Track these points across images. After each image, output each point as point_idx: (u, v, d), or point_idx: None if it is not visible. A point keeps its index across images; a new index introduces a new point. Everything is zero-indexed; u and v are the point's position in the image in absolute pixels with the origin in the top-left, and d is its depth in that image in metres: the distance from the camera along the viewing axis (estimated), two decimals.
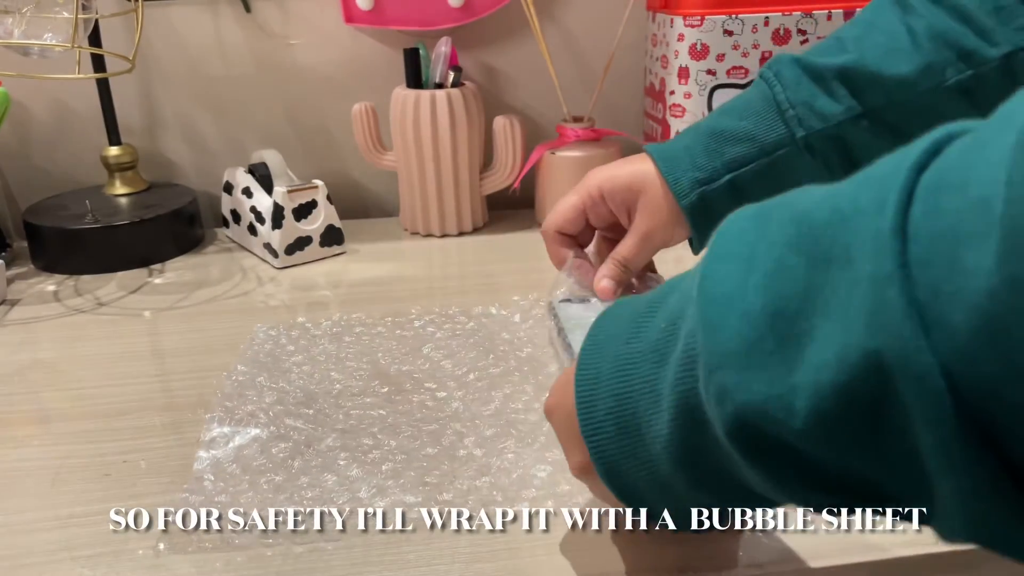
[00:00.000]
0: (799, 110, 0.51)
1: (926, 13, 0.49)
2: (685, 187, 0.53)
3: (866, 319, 0.20)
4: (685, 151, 0.53)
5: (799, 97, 0.51)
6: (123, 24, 0.81)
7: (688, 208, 0.53)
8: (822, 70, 0.50)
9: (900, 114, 0.50)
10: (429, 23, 0.84)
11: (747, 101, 0.53)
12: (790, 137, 0.51)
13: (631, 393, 0.31)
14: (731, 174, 0.52)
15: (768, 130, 0.52)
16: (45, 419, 0.52)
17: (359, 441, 0.47)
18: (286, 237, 0.75)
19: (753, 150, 0.52)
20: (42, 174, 0.87)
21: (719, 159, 0.52)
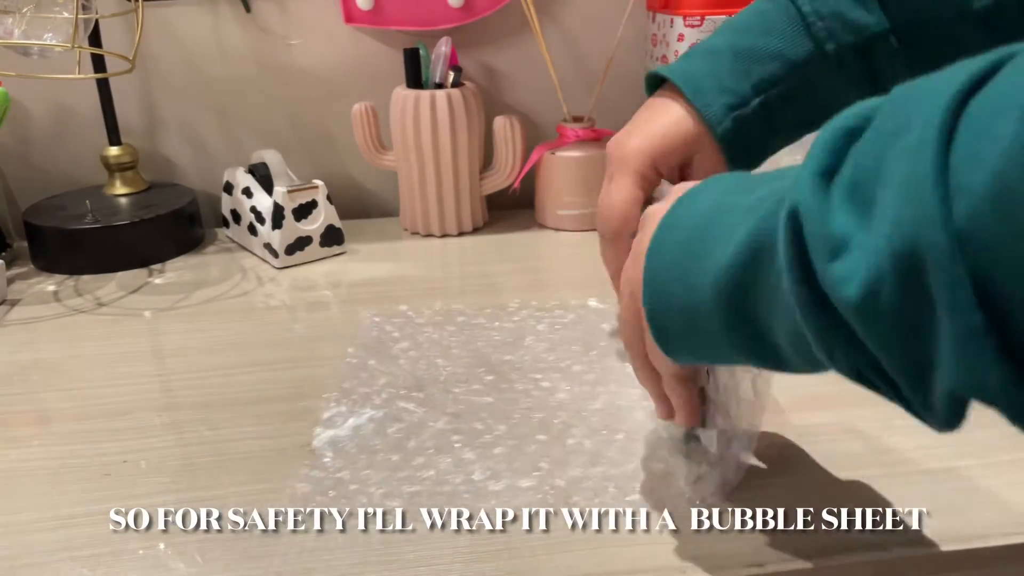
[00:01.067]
0: (829, 22, 0.48)
1: None
2: (718, 114, 0.49)
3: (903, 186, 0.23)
4: (709, 76, 0.50)
5: (828, 8, 0.48)
6: (123, 24, 0.81)
7: (723, 135, 0.50)
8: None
9: (924, 35, 0.48)
10: (429, 23, 0.84)
11: (765, 16, 0.50)
12: (820, 52, 0.49)
13: (710, 232, 0.33)
14: (761, 96, 0.49)
15: (795, 46, 0.49)
16: (45, 419, 0.52)
17: (470, 425, 0.48)
18: (286, 237, 0.75)
19: (782, 68, 0.49)
20: (42, 174, 0.87)
21: (747, 81, 0.49)
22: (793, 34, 0.49)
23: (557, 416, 0.49)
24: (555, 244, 0.81)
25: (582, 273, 0.72)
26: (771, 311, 0.30)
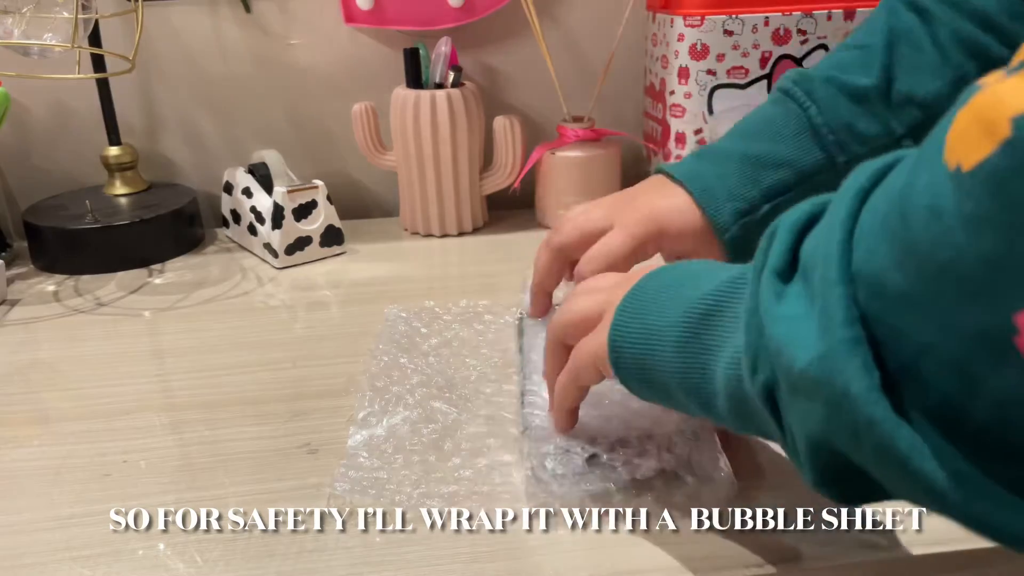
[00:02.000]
0: (840, 135, 0.48)
1: (948, 20, 0.47)
2: (727, 220, 0.49)
3: (820, 320, 0.26)
4: (719, 180, 0.50)
5: (837, 119, 0.48)
6: (123, 24, 0.81)
7: (730, 242, 0.50)
8: (859, 89, 0.48)
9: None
10: (429, 23, 0.84)
11: (774, 122, 0.50)
12: (830, 163, 0.48)
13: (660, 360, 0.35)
14: (770, 203, 0.49)
15: (806, 155, 0.49)
16: (45, 419, 0.52)
17: (504, 429, 0.48)
18: (286, 237, 0.75)
19: (792, 177, 0.49)
20: (42, 174, 0.87)
21: (757, 188, 0.49)
22: (804, 144, 0.49)
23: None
24: None
25: None
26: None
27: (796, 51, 0.77)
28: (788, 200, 0.49)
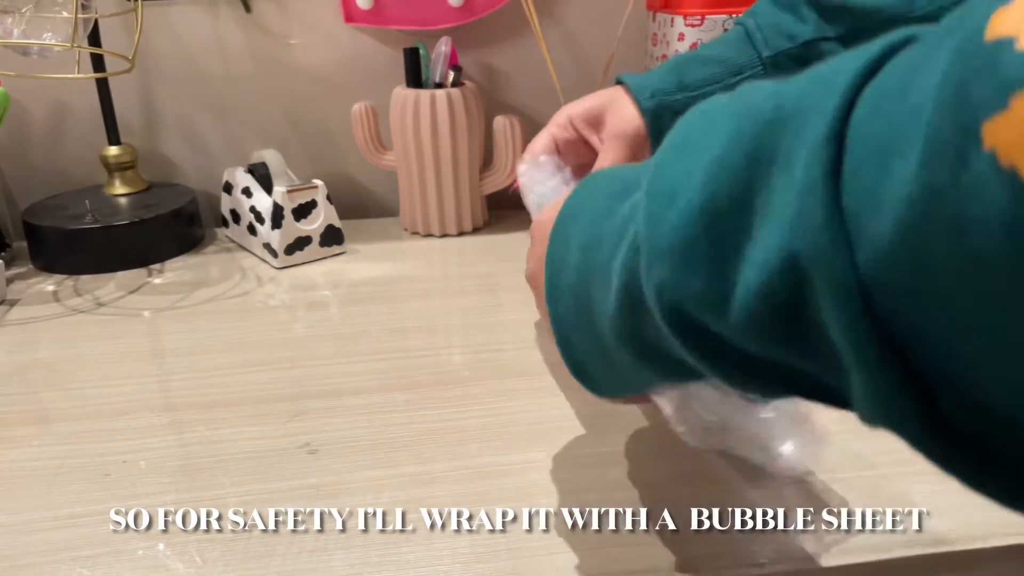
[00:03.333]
0: (767, 32, 0.53)
1: None
2: (646, 94, 0.56)
3: (790, 225, 0.20)
4: (652, 73, 0.57)
5: (767, 21, 0.53)
6: (123, 24, 0.81)
7: (648, 112, 0.55)
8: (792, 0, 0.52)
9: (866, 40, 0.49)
10: (429, 23, 0.84)
11: (721, 37, 0.56)
12: (757, 57, 0.53)
13: (591, 270, 0.31)
14: (695, 91, 0.54)
15: (737, 53, 0.54)
16: (45, 419, 0.52)
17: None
18: (286, 237, 0.75)
19: (716, 70, 0.54)
20: (42, 174, 0.87)
21: (684, 78, 0.55)
22: (736, 44, 0.54)
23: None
24: None
25: None
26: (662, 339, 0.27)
27: None
28: (713, 91, 0.54)
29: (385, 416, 0.50)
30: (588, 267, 0.31)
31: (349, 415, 0.50)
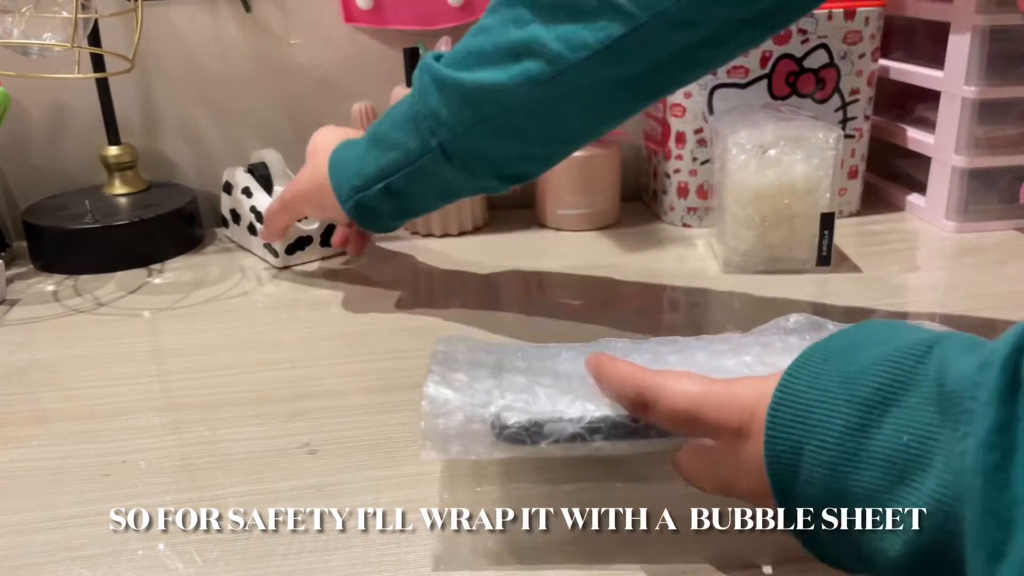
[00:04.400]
0: (430, 121, 0.54)
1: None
2: (344, 194, 0.60)
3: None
4: (353, 159, 0.60)
5: (427, 107, 0.54)
6: (123, 24, 0.81)
7: (349, 212, 0.60)
8: (445, 78, 0.53)
9: (514, 116, 0.52)
10: (429, 22, 0.84)
11: (401, 104, 0.57)
12: (427, 146, 0.55)
13: (849, 496, 0.30)
14: (385, 181, 0.58)
15: (410, 139, 0.56)
16: (45, 419, 0.52)
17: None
18: (286, 237, 0.74)
19: (400, 157, 0.56)
20: (41, 174, 0.86)
21: (374, 166, 0.58)
22: (409, 129, 0.56)
23: None
24: (555, 244, 0.81)
25: (583, 271, 0.72)
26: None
27: (796, 51, 0.77)
28: (400, 177, 0.57)
29: (385, 416, 0.50)
30: (844, 491, 0.30)
31: (349, 415, 0.50)
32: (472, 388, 0.39)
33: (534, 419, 0.37)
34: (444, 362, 0.41)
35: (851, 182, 0.83)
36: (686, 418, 0.35)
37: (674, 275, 0.70)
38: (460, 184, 0.58)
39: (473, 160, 0.55)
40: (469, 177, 0.56)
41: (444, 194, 0.60)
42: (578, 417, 0.37)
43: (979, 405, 0.25)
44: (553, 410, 0.37)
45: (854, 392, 0.30)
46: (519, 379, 0.40)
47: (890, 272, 0.70)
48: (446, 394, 0.38)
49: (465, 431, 0.37)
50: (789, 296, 0.65)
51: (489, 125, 0.52)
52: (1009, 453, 0.24)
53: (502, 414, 0.37)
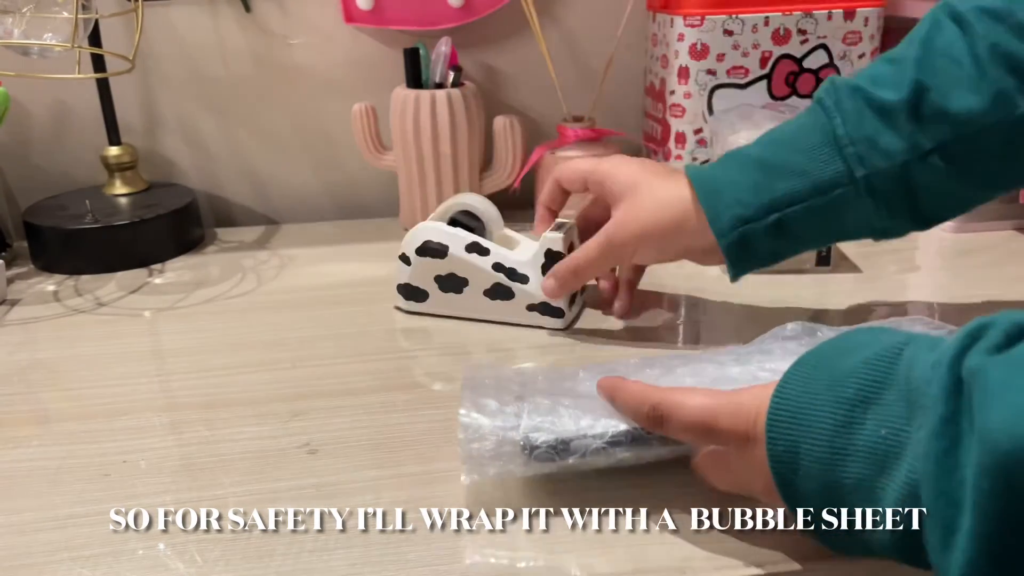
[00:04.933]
0: (860, 147, 0.47)
1: (988, 32, 0.45)
2: (725, 225, 0.50)
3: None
4: (731, 185, 0.50)
5: (861, 132, 0.47)
6: (123, 24, 0.81)
7: (727, 247, 0.50)
8: (885, 103, 0.47)
9: (968, 148, 0.46)
10: (429, 23, 0.84)
11: (801, 130, 0.50)
12: (849, 176, 0.47)
13: (841, 487, 0.32)
14: (779, 213, 0.49)
15: (824, 166, 0.48)
16: (45, 419, 0.52)
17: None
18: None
19: (806, 187, 0.48)
20: (42, 174, 0.87)
21: (767, 195, 0.49)
22: (825, 154, 0.48)
23: None
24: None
25: None
26: None
27: (796, 51, 0.77)
28: (798, 211, 0.49)
29: (385, 416, 0.50)
30: (837, 483, 0.32)
31: (349, 415, 0.50)
32: (502, 412, 0.42)
33: (560, 437, 0.40)
34: (473, 388, 0.44)
35: None
36: (701, 430, 0.37)
37: (674, 275, 0.70)
38: (862, 224, 0.50)
39: (905, 196, 0.48)
40: (883, 216, 0.49)
41: (835, 235, 0.52)
42: (601, 433, 0.40)
43: (931, 400, 0.28)
44: (577, 428, 0.41)
45: (840, 394, 0.32)
46: (543, 401, 0.43)
47: (890, 272, 0.70)
48: (479, 420, 0.41)
49: (499, 453, 0.40)
50: (789, 296, 0.65)
51: (950, 153, 0.46)
52: (955, 441, 0.27)
53: (530, 435, 0.40)
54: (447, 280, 0.62)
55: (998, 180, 0.49)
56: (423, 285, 0.63)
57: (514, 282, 0.60)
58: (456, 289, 0.62)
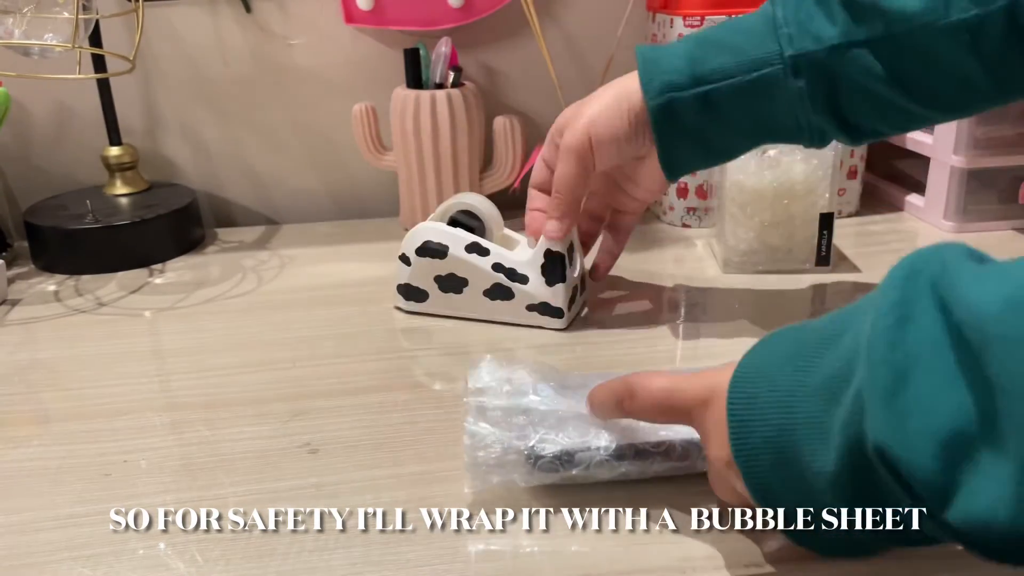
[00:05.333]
0: (792, 28, 0.48)
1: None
2: (655, 89, 0.51)
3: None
4: (669, 56, 0.52)
5: (796, 16, 0.49)
6: (123, 24, 0.81)
7: (654, 110, 0.51)
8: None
9: (895, 49, 0.47)
10: (429, 23, 0.84)
11: (747, 16, 0.51)
12: (778, 55, 0.49)
13: (794, 427, 0.32)
14: (708, 86, 0.50)
15: (757, 45, 0.49)
16: (45, 419, 0.52)
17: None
18: (568, 288, 0.60)
19: (736, 63, 0.50)
20: (42, 174, 0.87)
21: (699, 67, 0.50)
22: (760, 34, 0.49)
23: None
24: None
25: None
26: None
27: None
28: (727, 87, 0.50)
29: (385, 416, 0.50)
30: (790, 423, 0.32)
31: (349, 415, 0.50)
32: (508, 422, 0.42)
33: (565, 449, 0.41)
34: (478, 393, 0.45)
35: (850, 182, 0.83)
36: (663, 400, 0.39)
37: (673, 275, 0.70)
38: (785, 117, 0.50)
39: (828, 86, 0.49)
40: (807, 109, 0.49)
41: (757, 130, 0.52)
42: (605, 446, 0.41)
43: (881, 295, 0.28)
44: (582, 440, 0.41)
45: (802, 349, 0.33)
46: (549, 412, 0.43)
47: None
48: (485, 429, 0.42)
49: (503, 462, 0.41)
50: (788, 296, 0.65)
51: (878, 49, 0.47)
52: (902, 321, 0.27)
53: (536, 446, 0.41)
54: (447, 280, 0.62)
55: (920, 91, 0.49)
56: (423, 285, 0.63)
57: (514, 282, 0.60)
58: (456, 289, 0.62)
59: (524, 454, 0.41)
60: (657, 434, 0.42)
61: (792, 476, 0.33)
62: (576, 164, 0.55)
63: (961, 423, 0.25)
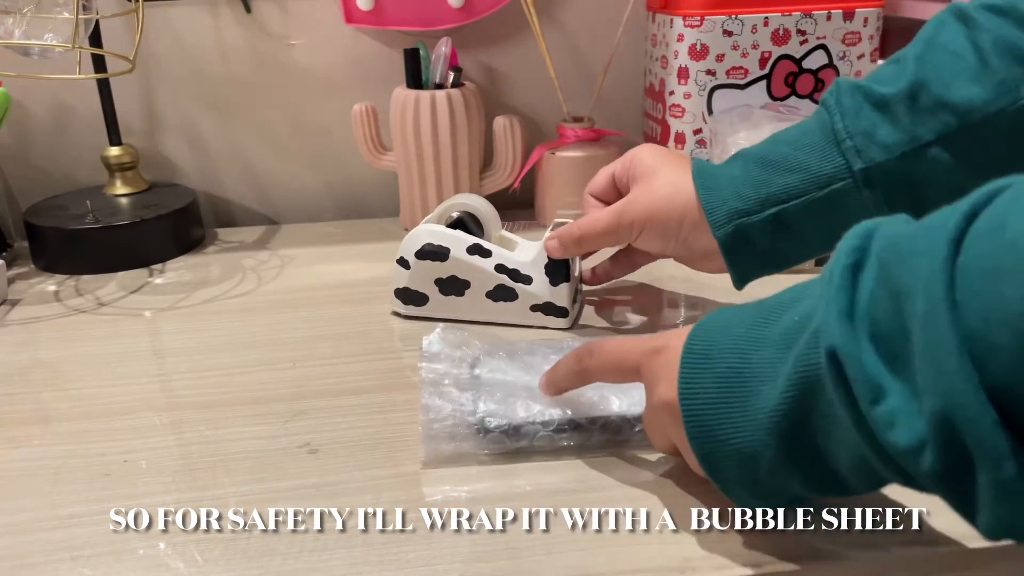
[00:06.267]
0: (858, 140, 0.47)
1: (992, 26, 0.45)
2: (721, 218, 0.50)
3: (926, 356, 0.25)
4: (730, 180, 0.51)
5: (859, 127, 0.47)
6: (123, 24, 0.81)
7: (722, 239, 0.50)
8: (883, 96, 0.47)
9: (971, 140, 0.46)
10: (429, 23, 0.84)
11: (804, 130, 0.50)
12: (847, 170, 0.48)
13: (747, 369, 0.34)
14: (777, 207, 0.49)
15: (823, 161, 0.48)
16: (45, 419, 0.52)
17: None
18: (572, 288, 0.61)
19: (804, 181, 0.48)
20: (42, 174, 0.87)
21: (764, 190, 0.49)
22: (823, 148, 0.48)
23: None
24: None
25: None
26: (829, 439, 0.31)
27: (796, 51, 0.77)
28: (797, 205, 0.49)
29: (385, 416, 0.50)
30: (743, 366, 0.34)
31: (349, 415, 0.50)
32: (460, 394, 0.47)
33: (512, 423, 0.45)
34: (431, 358, 0.50)
35: None
36: (616, 353, 0.42)
37: (673, 275, 0.70)
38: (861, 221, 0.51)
39: (905, 191, 0.47)
40: (884, 212, 0.48)
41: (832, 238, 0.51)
42: (548, 421, 0.45)
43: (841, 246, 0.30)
44: (528, 415, 0.46)
45: (761, 310, 0.36)
46: (497, 388, 0.48)
47: None
48: (438, 403, 0.47)
49: (455, 433, 0.45)
50: None
51: (951, 144, 0.46)
52: (860, 264, 0.29)
53: (485, 419, 0.45)
54: (448, 283, 0.61)
55: (1005, 172, 0.48)
56: (423, 289, 0.62)
57: (517, 283, 0.60)
58: (457, 292, 0.61)
59: (475, 428, 0.45)
60: (596, 409, 0.46)
61: (731, 414, 0.34)
62: (614, 232, 0.56)
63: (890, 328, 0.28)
